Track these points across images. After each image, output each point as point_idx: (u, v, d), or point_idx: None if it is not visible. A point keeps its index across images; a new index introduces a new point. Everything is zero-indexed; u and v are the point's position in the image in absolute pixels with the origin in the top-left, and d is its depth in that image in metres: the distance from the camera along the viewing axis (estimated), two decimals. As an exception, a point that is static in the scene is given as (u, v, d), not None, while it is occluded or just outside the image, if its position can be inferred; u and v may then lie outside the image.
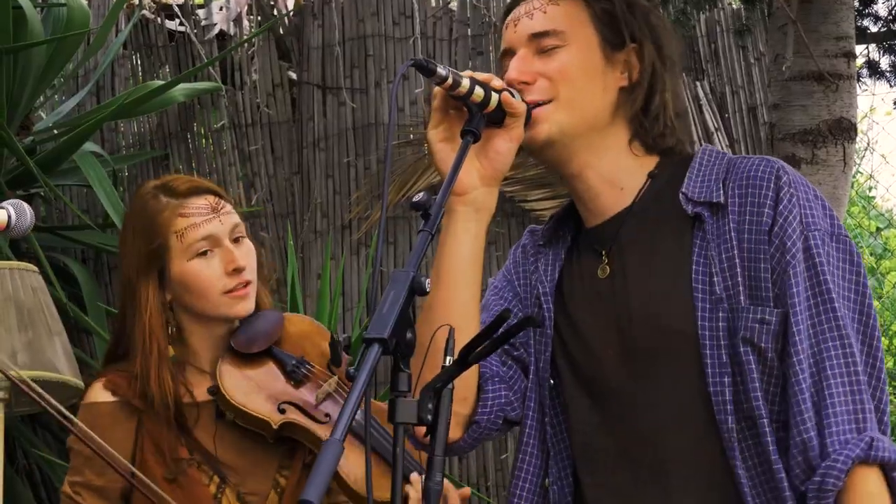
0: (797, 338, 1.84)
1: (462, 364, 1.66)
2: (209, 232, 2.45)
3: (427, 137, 1.98)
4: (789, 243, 1.86)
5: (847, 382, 1.82)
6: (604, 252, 2.00)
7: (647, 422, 1.92)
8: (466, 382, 2.00)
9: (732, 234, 1.90)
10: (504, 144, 1.96)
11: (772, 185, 1.89)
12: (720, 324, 1.88)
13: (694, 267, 1.91)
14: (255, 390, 2.44)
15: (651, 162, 2.02)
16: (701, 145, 2.05)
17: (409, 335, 1.61)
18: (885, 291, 7.16)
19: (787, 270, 1.86)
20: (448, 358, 1.69)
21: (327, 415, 2.44)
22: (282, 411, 2.42)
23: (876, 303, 6.97)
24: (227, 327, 2.51)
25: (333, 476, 1.42)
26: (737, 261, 1.89)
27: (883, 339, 6.93)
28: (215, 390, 2.44)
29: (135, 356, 2.47)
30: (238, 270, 2.44)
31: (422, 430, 1.70)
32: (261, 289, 2.54)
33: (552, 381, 2.03)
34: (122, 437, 2.43)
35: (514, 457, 2.11)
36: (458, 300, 1.98)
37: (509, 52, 2.04)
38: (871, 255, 7.47)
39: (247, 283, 2.46)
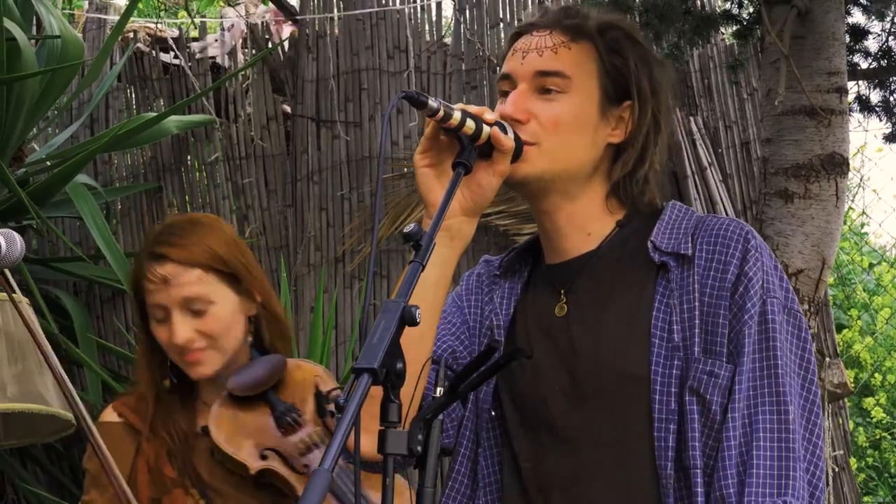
0: (737, 395, 1.85)
1: (452, 395, 1.65)
2: (159, 301, 2.49)
3: (413, 161, 1.98)
4: (748, 304, 1.88)
5: (776, 447, 1.82)
6: (563, 291, 2.01)
7: (587, 461, 1.92)
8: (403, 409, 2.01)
9: (696, 286, 1.91)
10: (487, 178, 1.94)
11: (740, 246, 1.92)
12: (674, 371, 1.89)
13: (654, 314, 1.92)
14: (240, 434, 2.46)
15: (622, 211, 2.04)
16: (668, 201, 2.07)
17: (399, 365, 1.60)
18: (879, 327, 7.15)
19: (742, 330, 1.87)
20: (438, 389, 1.68)
21: (306, 465, 2.45)
22: (263, 458, 2.43)
23: (869, 339, 6.97)
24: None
25: None
26: (696, 312, 1.90)
27: (877, 375, 6.93)
28: (206, 430, 2.46)
29: (142, 385, 2.59)
30: (176, 346, 2.48)
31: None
32: (277, 342, 2.57)
33: (492, 413, 2.02)
34: (124, 457, 2.48)
35: (443, 484, 2.09)
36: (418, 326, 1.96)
37: (508, 79, 2.03)
38: (864, 290, 7.47)
39: (198, 350, 2.47)
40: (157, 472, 2.46)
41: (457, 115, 1.89)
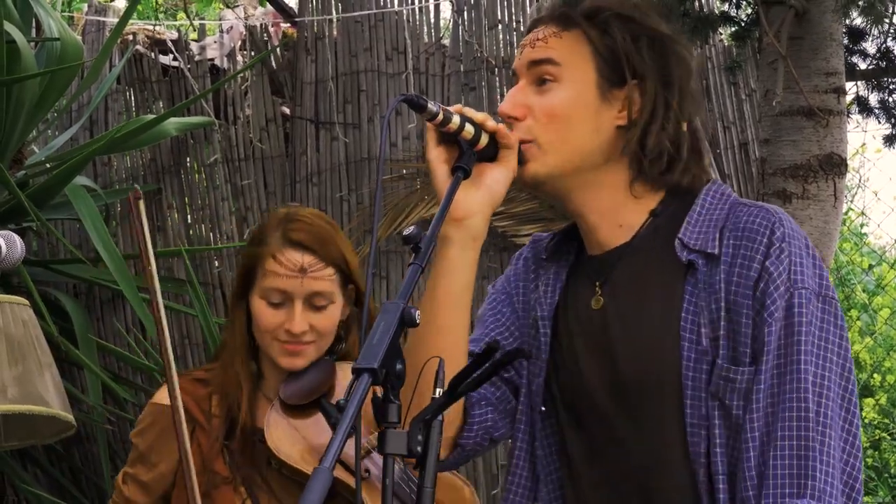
0: (759, 395, 1.79)
1: (452, 395, 1.65)
2: (283, 287, 2.50)
3: (428, 157, 1.95)
4: (769, 301, 1.81)
5: (794, 446, 1.77)
6: (598, 284, 1.97)
7: (632, 459, 1.90)
8: (454, 406, 1.99)
9: (721, 285, 1.85)
10: (501, 173, 1.93)
11: (764, 240, 1.84)
12: (703, 376, 1.84)
13: (683, 315, 1.87)
14: (298, 442, 2.47)
15: (655, 198, 1.97)
16: (708, 182, 1.99)
17: (398, 366, 1.61)
18: (878, 328, 7.16)
19: (763, 329, 1.81)
20: (438, 390, 1.68)
21: (367, 470, 2.45)
22: None
23: (868, 340, 6.98)
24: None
25: None
26: (722, 313, 1.84)
27: (876, 376, 6.94)
28: (262, 439, 2.47)
29: (219, 366, 2.58)
30: (291, 334, 2.49)
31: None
32: (353, 350, 2.59)
33: (542, 408, 2.02)
34: (172, 440, 2.47)
35: (504, 478, 2.10)
36: (452, 328, 1.96)
37: (515, 76, 2.02)
38: (864, 291, 7.48)
39: (304, 343, 2.50)
40: (209, 465, 2.47)
41: (455, 120, 1.88)
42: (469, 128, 1.89)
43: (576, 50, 1.96)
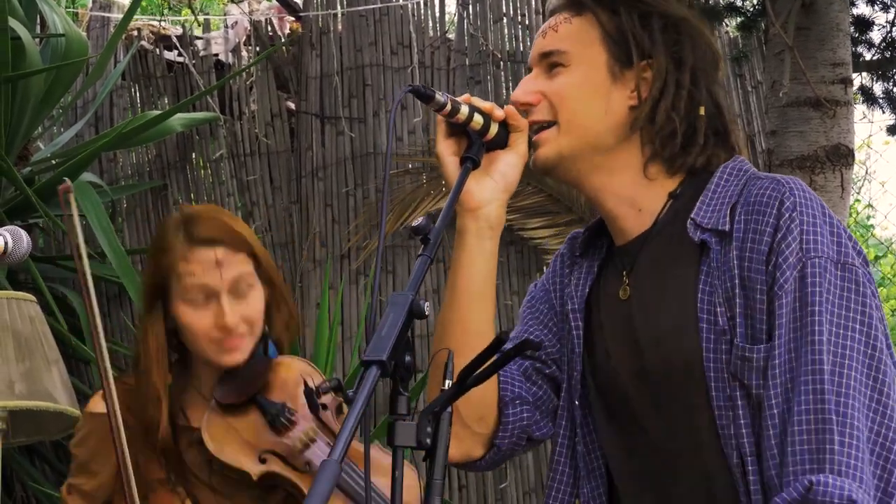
0: (774, 371, 1.76)
1: (461, 387, 1.65)
2: (205, 283, 2.46)
3: (437, 150, 1.95)
4: (778, 273, 1.77)
5: (811, 420, 1.72)
6: (624, 273, 1.96)
7: (665, 447, 1.89)
8: (485, 401, 1.98)
9: (735, 262, 1.82)
10: (513, 158, 1.94)
11: (774, 212, 1.80)
12: (724, 356, 1.81)
13: (699, 296, 1.84)
14: (236, 440, 2.45)
15: (675, 181, 1.95)
16: (730, 159, 1.96)
17: (407, 358, 1.60)
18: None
19: (775, 302, 1.77)
20: (447, 381, 1.68)
21: (307, 463, 2.44)
22: (262, 461, 2.42)
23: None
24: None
25: None
26: (738, 291, 1.81)
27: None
28: (199, 439, 2.45)
29: (136, 379, 2.52)
30: (225, 329, 2.46)
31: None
32: (282, 333, 2.56)
33: (577, 402, 2.01)
34: (112, 449, 2.43)
35: (546, 474, 2.09)
36: (475, 320, 1.95)
37: (529, 70, 2.02)
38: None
39: (239, 336, 2.48)
40: (144, 472, 2.45)
41: (464, 110, 1.88)
42: (478, 118, 1.89)
43: (586, 33, 1.96)
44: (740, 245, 1.83)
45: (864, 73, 4.22)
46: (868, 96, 4.23)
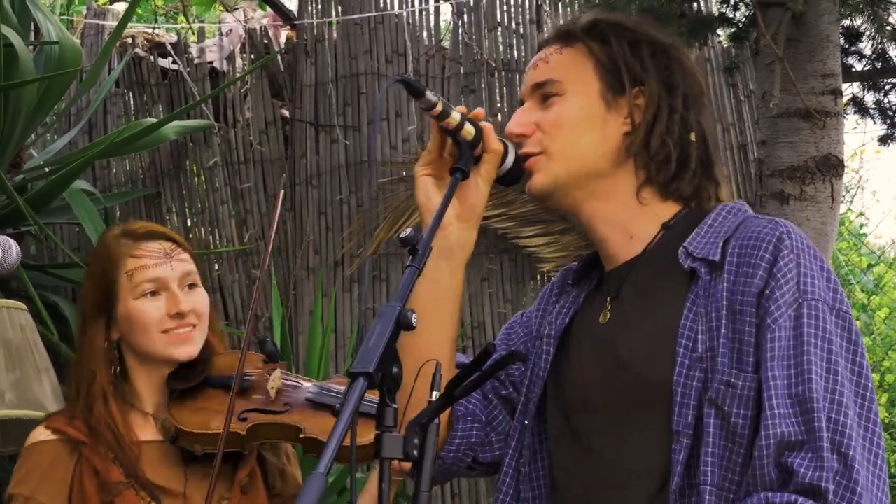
0: (770, 402, 1.73)
1: (448, 399, 1.65)
2: (157, 275, 2.50)
3: (414, 170, 1.97)
4: (773, 307, 1.78)
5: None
6: (608, 299, 1.97)
7: (610, 472, 1.88)
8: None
9: (724, 293, 1.83)
10: (475, 180, 1.94)
11: (770, 248, 1.81)
12: (695, 384, 1.81)
13: (682, 321, 1.85)
14: (211, 416, 2.48)
15: (669, 211, 1.96)
16: (716, 192, 1.98)
17: (395, 369, 1.61)
18: (877, 328, 7.16)
19: (766, 335, 1.77)
20: (434, 393, 1.68)
21: (286, 404, 2.49)
22: (244, 420, 2.45)
23: (867, 339, 6.98)
24: (170, 371, 2.55)
25: None
26: (724, 321, 1.81)
27: (874, 375, 6.94)
28: (175, 435, 2.47)
29: (77, 395, 2.52)
30: (180, 314, 2.49)
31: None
32: (211, 336, 2.58)
33: (525, 422, 2.02)
34: (62, 474, 2.46)
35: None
36: (429, 333, 1.92)
37: (522, 103, 2.03)
38: (863, 291, 7.48)
39: (191, 327, 2.50)
40: (105, 477, 2.46)
41: (455, 116, 1.89)
42: (469, 127, 1.90)
43: (578, 63, 1.98)
44: (732, 278, 1.83)
45: (856, 84, 4.24)
46: (860, 107, 4.24)
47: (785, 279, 1.79)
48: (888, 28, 3.82)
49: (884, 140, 4.18)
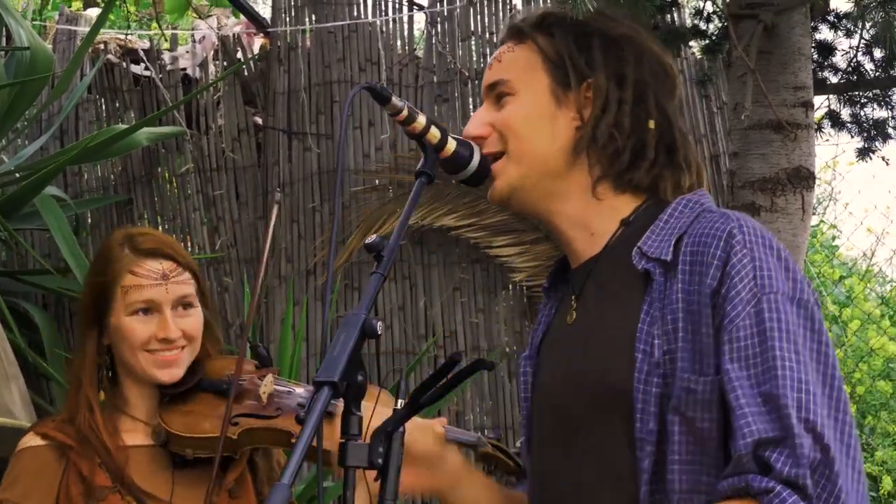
0: (737, 403, 1.70)
1: (413, 407, 1.65)
2: (151, 297, 2.49)
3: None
4: (730, 307, 1.73)
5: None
6: (573, 297, 1.96)
7: (586, 477, 1.87)
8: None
9: (679, 295, 1.79)
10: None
11: (721, 244, 1.77)
12: (654, 389, 1.79)
13: (640, 325, 1.82)
14: (202, 419, 2.48)
15: (628, 205, 1.94)
16: (680, 184, 1.95)
17: (360, 377, 1.61)
18: (849, 339, 7.19)
19: (723, 336, 1.74)
20: (399, 401, 1.68)
21: (278, 408, 2.49)
22: (235, 424, 2.45)
23: (839, 351, 7.01)
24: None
25: None
26: (680, 324, 1.78)
27: (847, 387, 6.97)
28: (165, 440, 2.46)
29: (66, 399, 2.53)
30: (166, 340, 2.48)
31: None
32: (206, 340, 2.58)
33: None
34: (50, 479, 2.45)
35: None
36: None
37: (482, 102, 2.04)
38: (835, 303, 7.51)
39: (179, 349, 2.50)
40: (90, 482, 2.46)
41: (421, 120, 1.88)
42: (434, 131, 1.89)
43: (527, 60, 1.97)
44: (686, 278, 1.80)
45: (832, 97, 4.25)
46: (835, 120, 4.26)
47: (739, 276, 1.75)
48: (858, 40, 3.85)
49: (862, 154, 4.19)
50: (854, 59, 4.11)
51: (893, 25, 3.19)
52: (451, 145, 1.91)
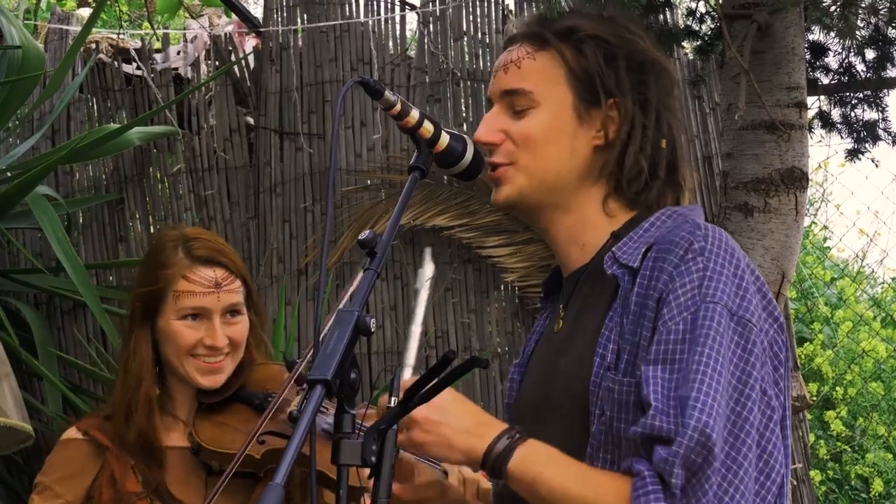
0: (657, 404, 1.69)
1: (406, 405, 1.65)
2: (202, 305, 2.52)
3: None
4: (666, 310, 1.74)
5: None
6: (561, 307, 1.98)
7: None
8: None
9: (634, 299, 1.80)
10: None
11: (679, 253, 1.78)
12: (605, 393, 1.79)
13: (603, 331, 1.83)
14: (231, 433, 2.49)
15: (623, 219, 1.95)
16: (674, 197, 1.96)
17: (353, 375, 1.60)
18: (840, 341, 7.20)
19: (653, 338, 1.74)
20: (392, 399, 1.67)
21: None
22: (262, 443, 2.45)
23: (829, 352, 7.01)
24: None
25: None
26: (628, 327, 1.79)
27: (838, 389, 6.97)
28: (197, 448, 2.47)
29: (121, 398, 2.54)
30: (213, 348, 2.51)
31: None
32: (256, 355, 2.62)
33: None
34: (83, 473, 2.49)
35: None
36: None
37: (490, 101, 2.00)
38: (826, 304, 7.52)
39: (223, 356, 2.53)
40: (121, 487, 2.46)
41: (414, 114, 1.88)
42: (428, 125, 1.89)
43: (551, 71, 1.94)
44: (644, 283, 1.80)
45: (823, 98, 4.26)
46: (826, 121, 4.26)
47: (682, 283, 1.75)
48: (858, 36, 3.84)
49: (851, 155, 4.19)
50: (846, 60, 4.11)
51: (854, 27, 3.20)
52: (445, 139, 1.90)
